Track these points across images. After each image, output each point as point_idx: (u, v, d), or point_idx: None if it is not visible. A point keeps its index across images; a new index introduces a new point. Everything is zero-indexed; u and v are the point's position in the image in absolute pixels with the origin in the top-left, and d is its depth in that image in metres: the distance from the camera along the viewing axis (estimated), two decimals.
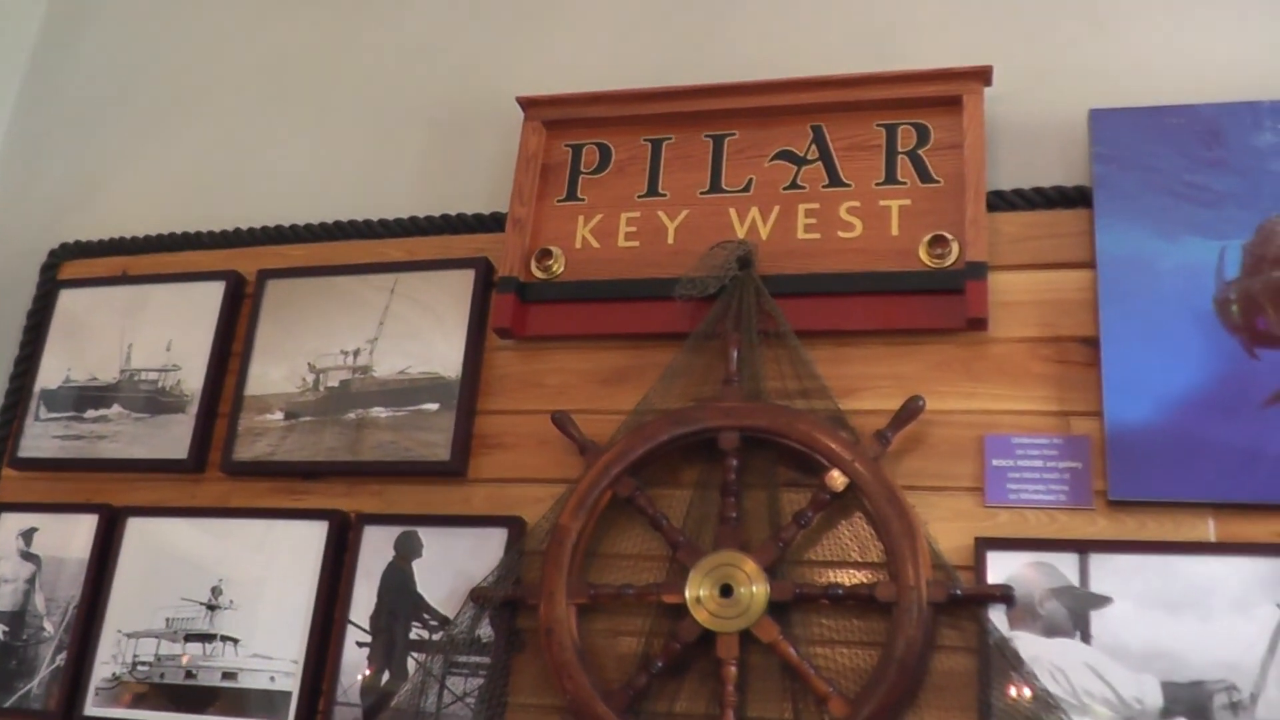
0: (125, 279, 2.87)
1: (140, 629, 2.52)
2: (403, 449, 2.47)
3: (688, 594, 2.13)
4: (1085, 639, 2.01)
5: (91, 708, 2.49)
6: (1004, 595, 2.04)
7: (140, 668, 2.49)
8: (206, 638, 2.47)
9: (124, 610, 2.55)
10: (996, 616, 2.04)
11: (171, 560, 2.55)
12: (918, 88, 2.42)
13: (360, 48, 3.02)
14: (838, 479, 2.14)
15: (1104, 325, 2.19)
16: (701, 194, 2.49)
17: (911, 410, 2.18)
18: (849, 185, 2.42)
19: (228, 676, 2.43)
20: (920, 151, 2.40)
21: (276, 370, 2.63)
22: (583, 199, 2.56)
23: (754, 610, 2.09)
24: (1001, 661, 2.00)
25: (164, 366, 2.73)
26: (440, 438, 2.45)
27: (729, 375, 2.28)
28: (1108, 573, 2.04)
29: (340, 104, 2.97)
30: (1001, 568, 2.08)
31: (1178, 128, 2.28)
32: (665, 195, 2.51)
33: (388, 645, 2.35)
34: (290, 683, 2.38)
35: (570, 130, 2.61)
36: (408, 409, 2.50)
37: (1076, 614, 2.03)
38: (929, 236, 2.31)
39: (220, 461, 2.61)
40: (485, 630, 2.27)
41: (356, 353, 2.59)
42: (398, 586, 2.38)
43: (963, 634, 2.07)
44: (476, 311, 2.54)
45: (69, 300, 2.88)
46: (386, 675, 2.32)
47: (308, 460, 2.54)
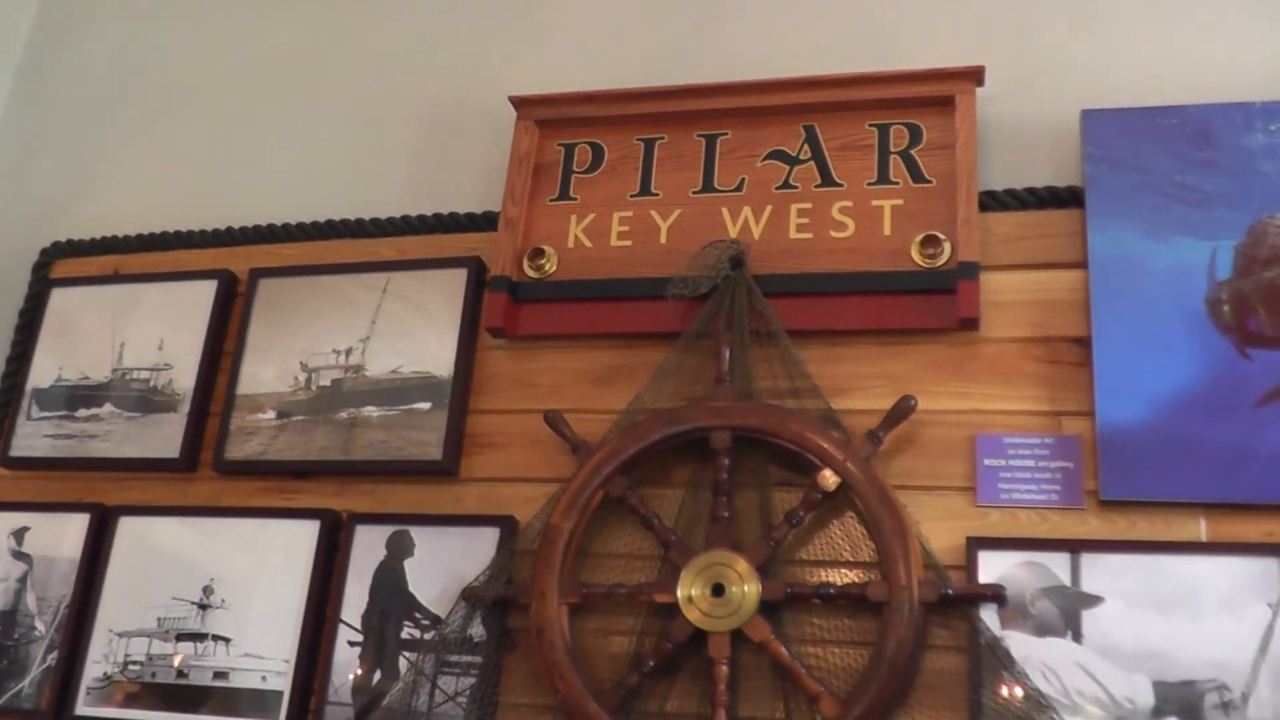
0: (117, 278, 2.86)
1: (132, 628, 2.52)
2: (395, 448, 2.47)
3: (679, 593, 2.13)
4: (1077, 638, 2.02)
5: (83, 707, 2.48)
6: (995, 595, 2.04)
7: (132, 667, 2.49)
8: (198, 637, 2.47)
9: (115, 609, 2.54)
10: (988, 616, 2.04)
11: (163, 559, 2.55)
12: (910, 88, 2.42)
13: (352, 46, 3.02)
14: (829, 478, 2.14)
15: (1096, 325, 2.19)
16: (694, 193, 2.49)
17: (903, 410, 2.18)
18: (841, 185, 2.42)
19: (219, 676, 2.42)
20: (912, 151, 2.40)
21: (268, 369, 2.63)
22: (575, 198, 2.56)
23: (745, 609, 2.10)
24: (993, 661, 2.00)
25: (156, 365, 2.73)
26: (432, 437, 2.45)
27: (721, 375, 2.28)
28: (1099, 572, 2.04)
29: (332, 102, 2.96)
30: (993, 567, 2.08)
31: (1169, 128, 2.28)
32: (658, 195, 2.51)
33: (379, 644, 2.34)
34: (282, 682, 2.37)
35: (563, 129, 2.61)
36: (400, 408, 2.50)
37: (1068, 613, 2.03)
38: (921, 236, 2.31)
39: (212, 461, 2.61)
40: (477, 629, 2.27)
41: (348, 352, 2.59)
42: (389, 586, 2.38)
43: (954, 633, 2.07)
44: (469, 311, 2.53)
45: (61, 299, 2.88)
46: (378, 674, 2.32)
47: (299, 459, 2.54)
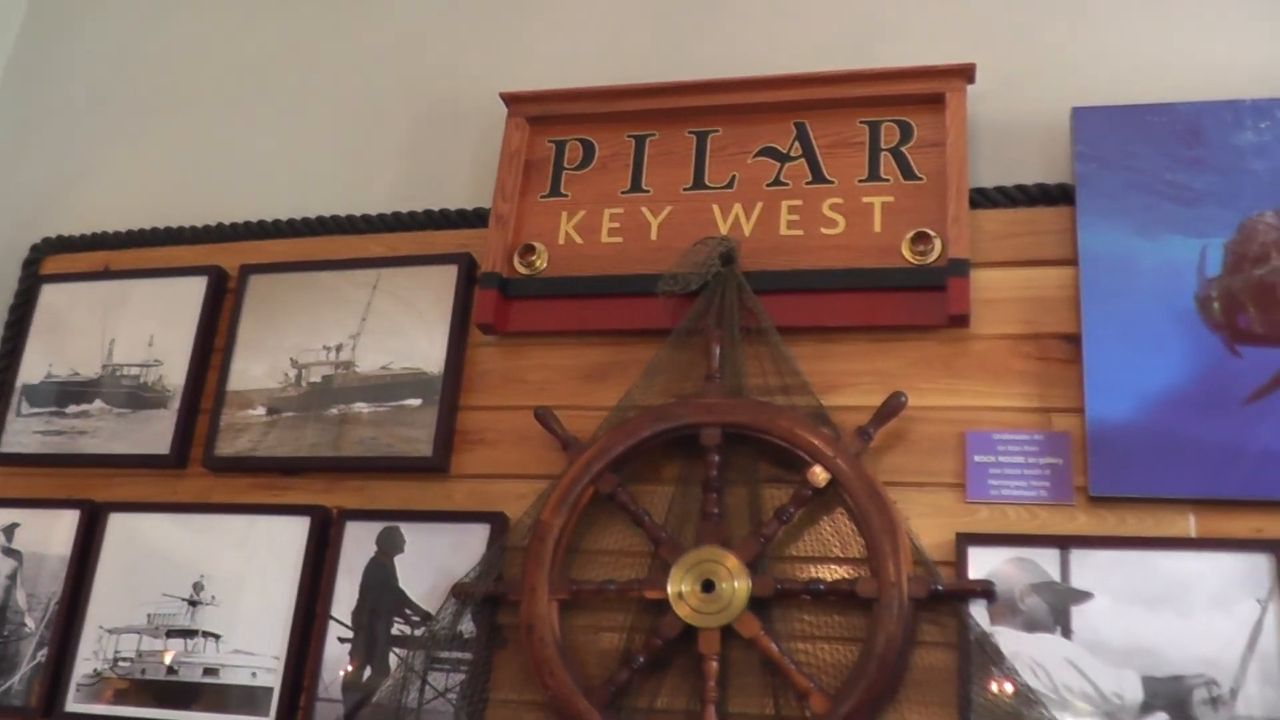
0: (107, 274, 2.86)
1: (122, 625, 2.52)
2: (385, 445, 2.47)
3: (669, 590, 2.13)
4: (1066, 634, 2.02)
5: (73, 704, 2.48)
6: (985, 591, 2.04)
7: (121, 664, 2.48)
8: (188, 634, 2.47)
9: (105, 606, 2.54)
10: (977, 612, 2.05)
11: (153, 556, 2.55)
12: (901, 85, 2.43)
13: (343, 43, 3.02)
14: (819, 475, 2.14)
15: (1085, 322, 2.19)
16: (685, 190, 2.49)
17: (893, 406, 2.18)
18: (832, 182, 2.42)
19: (209, 672, 2.42)
20: (903, 148, 2.41)
21: (258, 366, 2.63)
22: (566, 195, 2.56)
23: (735, 606, 2.10)
24: (982, 657, 2.00)
25: (146, 362, 2.72)
26: (422, 433, 2.45)
27: (711, 372, 2.28)
28: (1088, 568, 2.05)
29: (323, 99, 2.96)
30: (982, 563, 2.09)
31: (1159, 126, 2.29)
32: (648, 191, 2.51)
33: (369, 641, 2.34)
34: (272, 679, 2.37)
35: (554, 126, 2.61)
36: (390, 404, 2.50)
37: (1057, 609, 2.04)
38: (911, 233, 2.31)
39: (202, 457, 2.60)
40: (467, 626, 2.27)
41: (339, 348, 2.58)
42: (379, 582, 2.38)
43: (943, 629, 2.07)
44: (459, 307, 2.53)
45: (51, 295, 2.88)
46: (368, 671, 2.32)
47: (290, 456, 2.54)
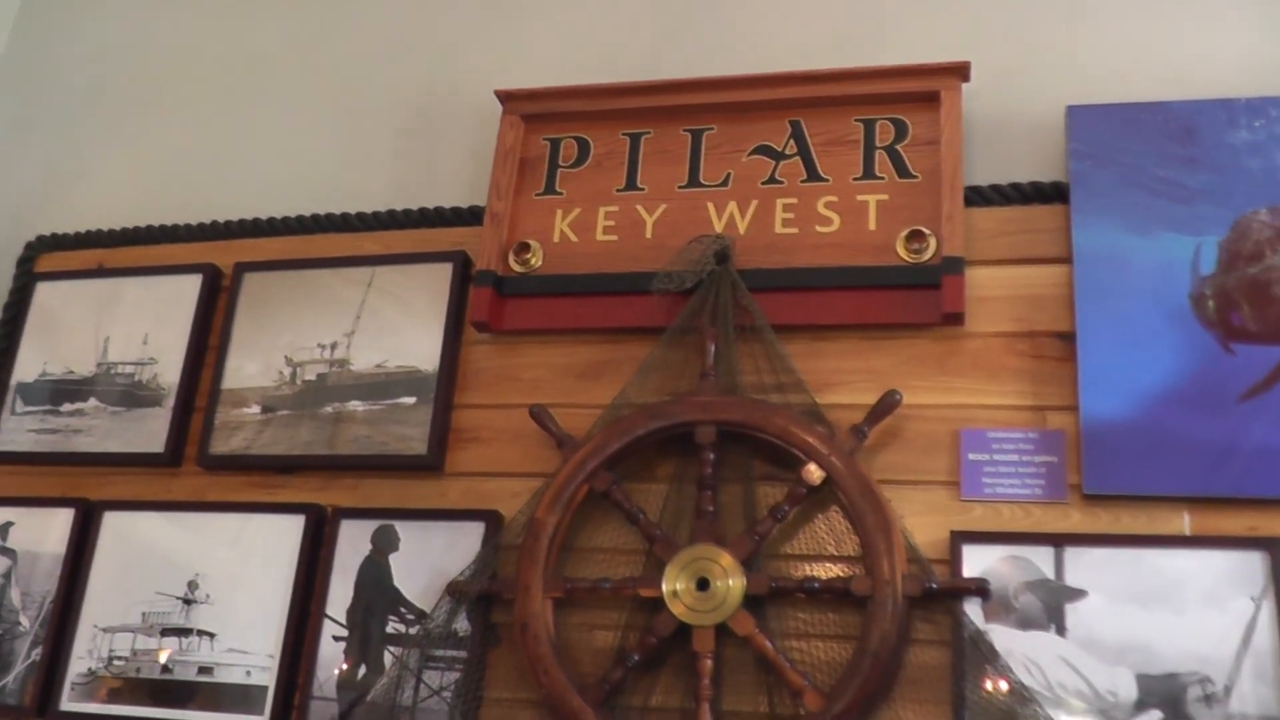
0: (101, 272, 2.86)
1: (116, 624, 2.51)
2: (379, 443, 2.47)
3: (664, 588, 2.13)
4: (1060, 632, 2.02)
5: (67, 703, 2.48)
6: (979, 588, 2.05)
7: (116, 662, 2.48)
8: (183, 632, 2.47)
9: (100, 605, 2.54)
10: (971, 610, 2.05)
11: (147, 554, 2.55)
12: (896, 83, 2.43)
13: (337, 40, 3.01)
14: (814, 473, 2.14)
15: (1080, 320, 2.20)
16: (680, 188, 2.50)
17: (888, 404, 2.18)
18: (827, 180, 2.42)
19: (204, 671, 2.42)
20: (898, 147, 2.41)
21: (253, 364, 2.63)
22: (561, 193, 2.56)
23: (730, 604, 2.10)
24: (976, 655, 2.00)
25: (140, 360, 2.72)
26: (417, 432, 2.45)
27: (706, 369, 2.28)
28: (1082, 566, 2.05)
29: (317, 96, 2.96)
30: (977, 561, 2.09)
31: (1154, 124, 2.29)
32: (643, 189, 2.52)
33: (364, 639, 2.34)
34: (266, 677, 2.37)
35: (548, 124, 2.61)
36: (384, 403, 2.50)
37: (1051, 607, 2.04)
38: (906, 231, 2.32)
39: (196, 455, 2.60)
40: (462, 624, 2.27)
41: (333, 346, 2.58)
42: (374, 580, 2.38)
43: (938, 627, 2.08)
44: (454, 305, 2.53)
45: (45, 293, 2.87)
46: (363, 669, 2.32)
47: (284, 454, 2.54)
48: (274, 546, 2.46)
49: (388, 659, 2.31)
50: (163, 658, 2.45)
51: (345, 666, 2.33)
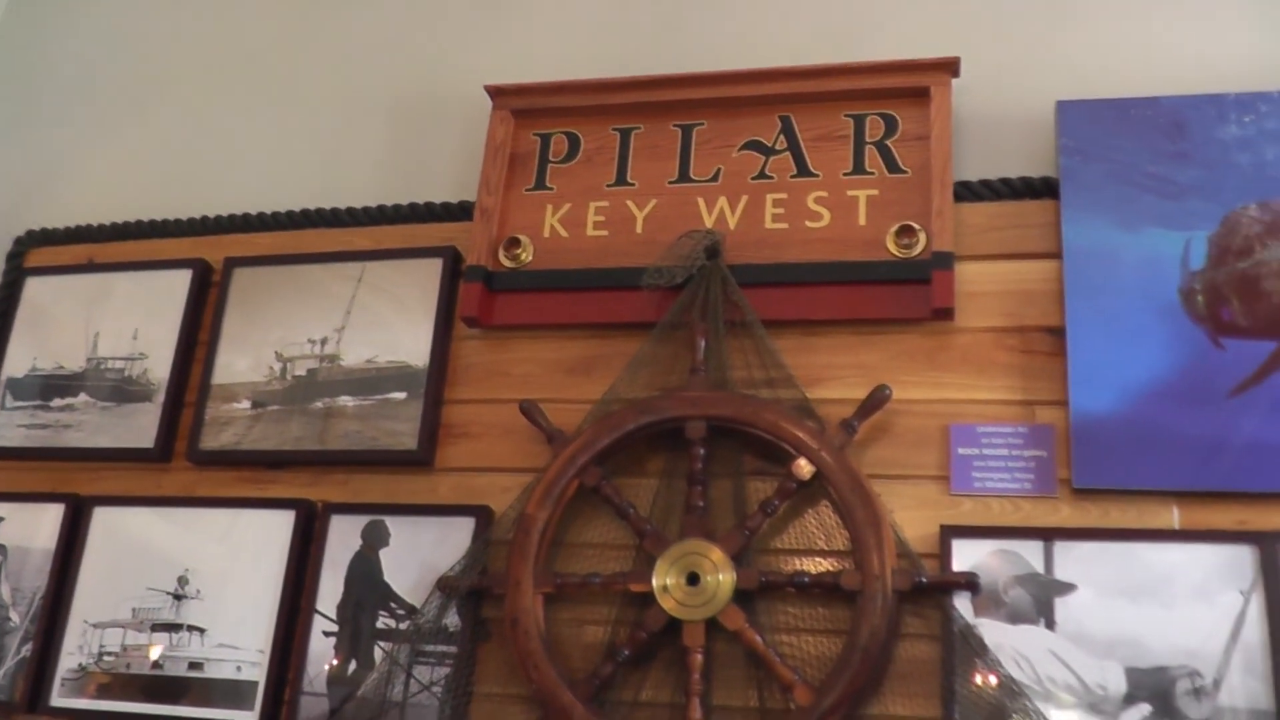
0: (91, 267, 2.85)
1: (106, 619, 2.51)
2: (369, 438, 2.47)
3: (654, 582, 2.13)
4: (1049, 626, 2.03)
5: (57, 698, 2.48)
6: (969, 583, 2.05)
7: (106, 658, 2.48)
8: (173, 628, 2.46)
9: (90, 600, 2.53)
10: (961, 604, 2.05)
11: (138, 550, 2.54)
12: (886, 79, 2.43)
13: (327, 34, 3.01)
14: (804, 468, 2.14)
15: (1069, 315, 2.20)
16: (670, 183, 2.50)
17: (878, 399, 2.18)
18: (817, 175, 2.42)
19: (194, 666, 2.42)
20: (888, 142, 2.41)
21: (243, 359, 2.62)
22: (551, 188, 2.56)
23: (720, 598, 2.10)
24: (966, 649, 2.01)
25: (130, 355, 2.72)
26: (407, 427, 2.45)
27: (695, 365, 2.28)
28: (1072, 560, 2.05)
29: (307, 90, 2.95)
30: (966, 556, 2.09)
31: (1143, 120, 2.29)
32: (634, 185, 2.51)
33: (354, 635, 2.34)
34: (257, 672, 2.37)
35: (539, 119, 2.61)
36: (375, 398, 2.50)
37: (1041, 601, 2.04)
38: (896, 226, 2.32)
39: (186, 451, 2.60)
40: (452, 619, 2.27)
41: (324, 342, 2.58)
42: (364, 576, 2.37)
43: (927, 622, 2.08)
44: (444, 300, 2.53)
45: (35, 288, 2.87)
46: (353, 665, 2.32)
47: (274, 449, 2.53)
48: (264, 542, 2.46)
49: (378, 654, 2.31)
50: (153, 653, 2.45)
51: (335, 662, 2.33)
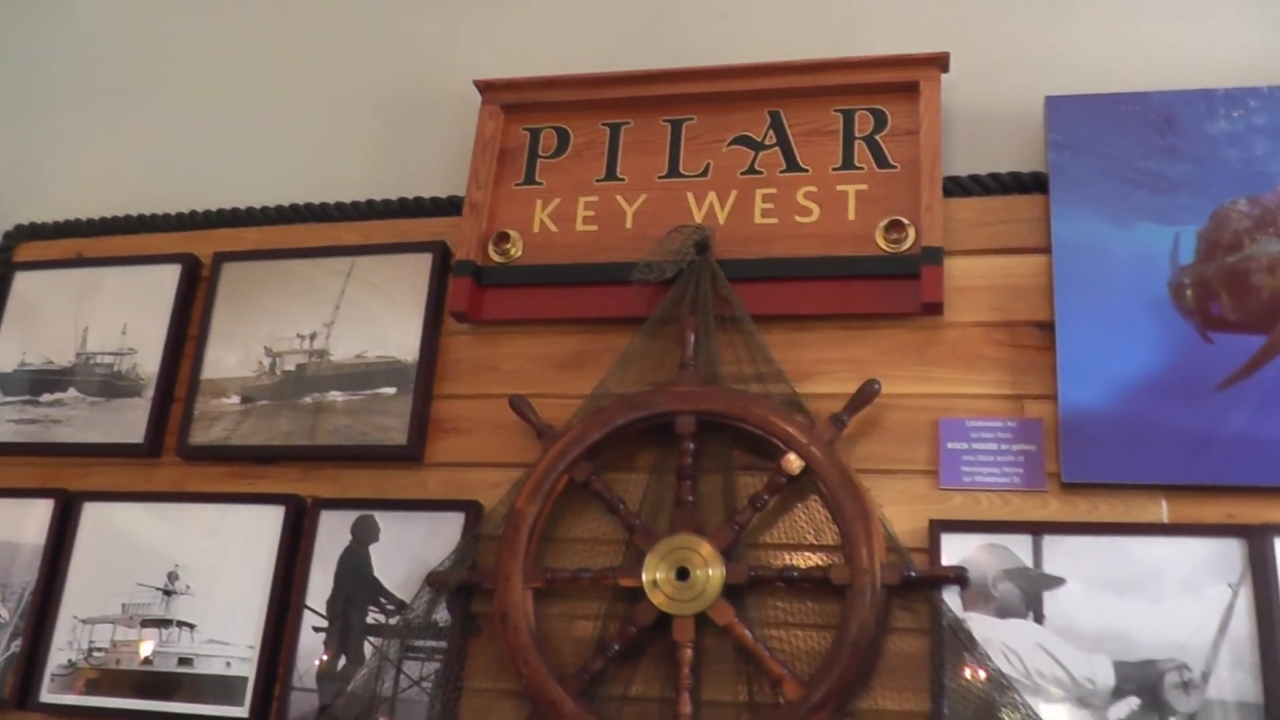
0: (80, 261, 2.84)
1: (96, 615, 2.50)
2: (359, 433, 2.47)
3: (644, 577, 2.13)
4: (1038, 620, 2.03)
5: (47, 694, 2.47)
6: (958, 577, 2.05)
7: (96, 654, 2.48)
8: (163, 623, 2.46)
9: (80, 596, 2.53)
10: (950, 598, 2.06)
11: (127, 545, 2.54)
12: (875, 74, 2.43)
13: (316, 29, 3.00)
14: (793, 462, 2.14)
15: (1059, 310, 2.20)
16: (660, 178, 2.49)
17: (867, 394, 2.18)
18: (806, 170, 2.42)
19: (184, 662, 2.42)
20: (877, 137, 2.41)
21: (232, 354, 2.62)
22: (541, 183, 2.56)
23: (710, 593, 2.10)
24: (955, 643, 2.01)
25: (120, 350, 2.71)
26: (397, 422, 2.45)
27: (685, 360, 2.28)
28: (1060, 554, 2.06)
29: (296, 85, 2.95)
30: (955, 550, 2.09)
31: (1133, 115, 2.29)
32: (623, 180, 2.51)
33: (344, 630, 2.34)
34: (246, 668, 2.37)
35: (528, 114, 2.61)
36: (364, 393, 2.50)
37: (1029, 595, 2.04)
38: (885, 221, 2.32)
39: (176, 446, 2.59)
40: (442, 615, 2.26)
41: (313, 336, 2.58)
42: (354, 571, 2.37)
43: (916, 616, 2.08)
44: (433, 295, 2.53)
45: (24, 283, 2.86)
46: (343, 660, 2.32)
47: (264, 445, 2.53)
48: (254, 537, 2.45)
49: (368, 650, 2.30)
50: (143, 649, 2.44)
51: (325, 657, 2.33)
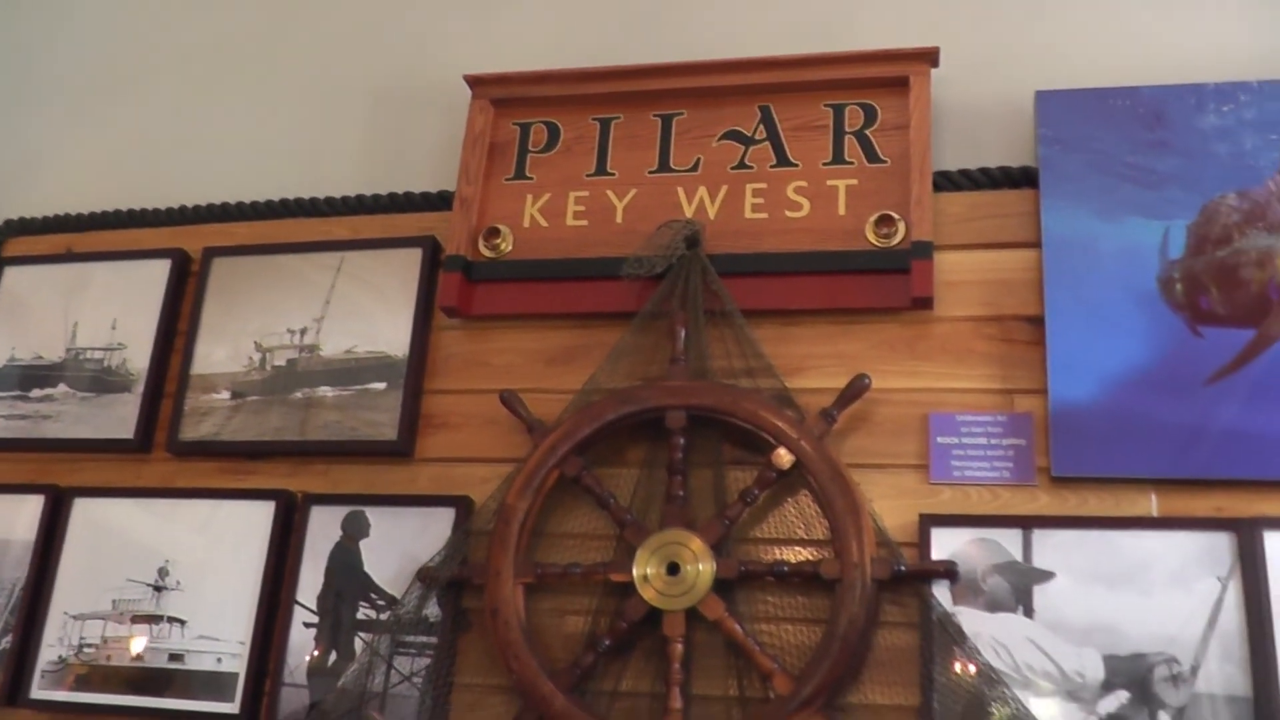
0: (70, 256, 2.84)
1: (86, 611, 2.50)
2: (349, 429, 2.46)
3: (635, 572, 2.14)
4: (1028, 614, 2.03)
5: (38, 691, 2.47)
6: (947, 571, 2.06)
7: (86, 650, 2.47)
8: (153, 619, 2.46)
9: (70, 592, 2.53)
10: (940, 592, 2.06)
11: (118, 541, 2.53)
12: (865, 69, 2.43)
13: (306, 24, 3.00)
14: (783, 457, 2.15)
15: (1048, 304, 2.21)
16: (650, 173, 2.49)
17: (857, 389, 2.18)
18: (796, 165, 2.42)
19: (175, 658, 2.41)
20: (867, 132, 2.41)
21: (222, 349, 2.62)
22: (531, 178, 2.55)
23: (700, 588, 2.10)
24: (944, 637, 2.02)
25: (109, 345, 2.71)
26: (387, 417, 2.45)
27: (676, 354, 2.28)
28: (1050, 548, 2.06)
29: (286, 80, 2.95)
30: (945, 544, 2.10)
31: (1122, 110, 2.30)
32: (614, 174, 2.51)
33: (335, 626, 2.34)
34: (237, 664, 2.37)
35: (518, 109, 2.61)
36: (354, 388, 2.49)
37: (1019, 589, 2.05)
38: (875, 216, 2.32)
39: (166, 441, 2.59)
40: (432, 610, 2.27)
41: (303, 332, 2.57)
42: (345, 567, 2.37)
43: (906, 610, 2.09)
44: (423, 290, 2.53)
45: (13, 278, 2.85)
46: (334, 656, 2.32)
47: (254, 440, 2.53)
48: (244, 533, 2.45)
49: (358, 645, 2.30)
50: (134, 646, 2.44)
51: (316, 653, 2.33)
